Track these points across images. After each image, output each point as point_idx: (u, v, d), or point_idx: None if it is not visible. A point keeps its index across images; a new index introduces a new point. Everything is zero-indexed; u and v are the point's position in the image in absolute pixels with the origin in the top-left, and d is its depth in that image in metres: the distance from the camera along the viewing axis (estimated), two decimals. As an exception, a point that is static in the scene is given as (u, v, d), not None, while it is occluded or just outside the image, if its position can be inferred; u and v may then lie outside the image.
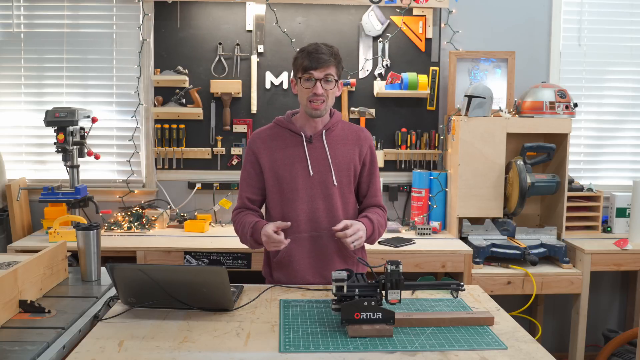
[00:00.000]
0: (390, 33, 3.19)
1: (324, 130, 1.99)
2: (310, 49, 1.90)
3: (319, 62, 1.87)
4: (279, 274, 2.03)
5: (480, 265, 2.80)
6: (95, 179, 3.25)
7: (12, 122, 3.24)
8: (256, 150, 2.00)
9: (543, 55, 3.33)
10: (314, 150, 1.98)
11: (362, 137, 2.04)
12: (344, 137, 2.02)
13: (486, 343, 1.47)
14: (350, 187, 2.02)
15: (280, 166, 1.97)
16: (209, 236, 2.91)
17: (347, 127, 2.05)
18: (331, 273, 1.97)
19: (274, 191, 1.99)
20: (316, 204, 1.97)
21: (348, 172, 2.00)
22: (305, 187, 1.96)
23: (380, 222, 2.02)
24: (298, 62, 1.91)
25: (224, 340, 1.46)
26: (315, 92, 1.88)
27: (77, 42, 3.21)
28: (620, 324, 3.50)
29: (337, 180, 1.98)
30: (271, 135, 2.02)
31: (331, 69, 1.89)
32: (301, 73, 1.90)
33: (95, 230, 1.94)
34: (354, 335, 1.48)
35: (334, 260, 2.00)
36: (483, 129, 2.93)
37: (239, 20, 3.18)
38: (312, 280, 1.99)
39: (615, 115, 3.44)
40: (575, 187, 3.11)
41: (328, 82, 1.89)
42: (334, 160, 1.98)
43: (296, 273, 2.00)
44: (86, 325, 1.57)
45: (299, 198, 1.96)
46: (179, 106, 3.14)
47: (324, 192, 1.97)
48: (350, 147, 2.01)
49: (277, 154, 1.98)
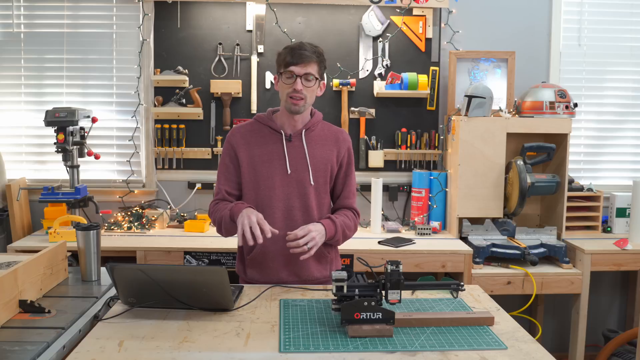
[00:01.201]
0: (390, 33, 3.19)
1: (303, 130, 1.99)
2: (294, 46, 1.91)
3: (301, 57, 1.87)
4: (252, 272, 2.02)
5: (480, 265, 2.80)
6: (95, 179, 3.25)
7: (12, 122, 3.24)
8: (235, 145, 1.99)
9: (543, 55, 3.33)
10: (292, 148, 1.98)
11: (341, 139, 2.05)
12: (323, 137, 2.02)
13: (486, 343, 1.47)
14: (326, 187, 2.02)
15: (258, 162, 1.97)
16: (209, 236, 2.91)
17: (326, 127, 2.06)
18: (305, 272, 1.99)
19: (250, 187, 1.98)
20: (292, 202, 1.96)
21: (325, 172, 2.00)
22: (282, 184, 1.96)
23: (347, 224, 1.99)
24: (280, 58, 1.92)
25: (224, 340, 1.46)
26: (295, 87, 1.88)
27: (77, 42, 3.21)
28: (620, 324, 3.50)
29: (314, 179, 1.98)
30: (251, 131, 2.01)
31: (312, 66, 1.89)
32: (282, 68, 1.91)
33: (95, 230, 1.94)
34: (354, 335, 1.48)
35: (308, 260, 1.96)
36: (483, 129, 2.93)
37: (239, 20, 3.18)
38: (286, 279, 1.98)
39: (615, 115, 3.44)
40: (575, 187, 3.11)
41: (308, 80, 1.89)
42: (312, 160, 1.98)
43: (269, 271, 1.99)
44: (86, 325, 1.57)
45: (275, 195, 1.96)
46: (179, 106, 3.15)
47: (300, 190, 1.97)
48: (329, 148, 2.01)
49: (256, 150, 1.98)
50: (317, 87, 1.95)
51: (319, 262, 2.02)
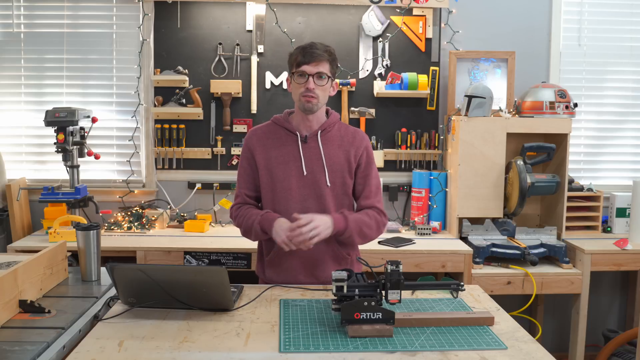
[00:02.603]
0: (390, 33, 3.19)
1: (319, 131, 1.98)
2: (305, 45, 1.91)
3: (312, 56, 1.87)
4: (270, 273, 2.02)
5: (480, 265, 2.80)
6: (95, 179, 3.25)
7: (12, 122, 3.24)
8: (252, 147, 2.00)
9: (543, 55, 3.33)
10: (308, 150, 1.97)
11: (358, 139, 2.02)
12: (339, 138, 2.01)
13: (486, 343, 1.47)
14: (345, 188, 2.00)
15: (274, 164, 1.97)
16: (209, 236, 2.91)
17: (343, 128, 2.04)
18: (323, 274, 1.98)
19: (267, 189, 1.98)
20: (308, 203, 1.95)
21: (342, 173, 1.98)
22: (298, 186, 1.96)
23: (365, 222, 1.94)
24: (292, 58, 1.93)
25: (224, 340, 1.46)
26: (308, 86, 1.87)
27: (77, 42, 3.21)
28: (620, 324, 3.50)
29: (330, 181, 1.97)
30: (267, 133, 2.01)
31: (324, 65, 1.89)
32: (295, 68, 1.91)
33: (95, 230, 1.94)
34: (354, 335, 1.48)
35: (326, 261, 1.98)
36: (483, 129, 2.93)
37: (239, 20, 3.18)
38: (304, 280, 1.98)
39: (615, 115, 3.44)
40: (575, 187, 3.11)
41: (321, 78, 1.89)
42: (328, 161, 1.97)
43: (287, 272, 1.99)
44: (86, 325, 1.57)
45: (292, 197, 1.95)
46: (179, 106, 3.14)
47: (317, 192, 1.96)
48: (346, 149, 1.99)
49: (272, 152, 1.98)
50: (329, 86, 1.94)
51: (338, 263, 2.00)
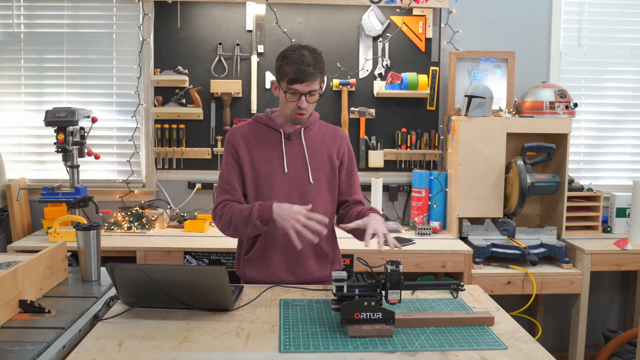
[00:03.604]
0: (390, 33, 3.19)
1: (302, 129, 2.01)
2: (296, 59, 1.85)
3: (305, 75, 1.84)
4: (251, 271, 2.01)
5: (480, 265, 2.80)
6: (95, 179, 3.25)
7: (12, 122, 3.24)
8: (236, 145, 1.99)
9: (543, 55, 3.33)
10: (291, 147, 1.99)
11: (339, 136, 2.07)
12: (321, 135, 2.04)
13: (486, 343, 1.47)
14: (329, 185, 2.02)
15: (258, 162, 1.97)
16: (209, 236, 2.91)
17: (324, 126, 2.09)
18: (304, 271, 1.99)
19: (251, 186, 1.99)
20: (292, 200, 1.95)
21: (325, 170, 2.01)
22: (282, 183, 1.97)
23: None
24: (283, 71, 1.87)
25: (224, 340, 1.46)
26: (300, 105, 1.89)
27: (77, 42, 3.21)
28: (620, 324, 3.50)
29: (313, 177, 1.98)
30: (250, 131, 2.02)
31: (316, 82, 1.89)
32: (286, 85, 1.88)
33: (95, 230, 1.94)
34: (354, 335, 1.48)
35: (307, 258, 1.99)
36: (483, 129, 2.93)
37: (239, 20, 3.18)
38: (284, 278, 1.98)
39: (615, 115, 3.44)
40: (575, 187, 3.11)
41: (312, 95, 1.90)
42: (312, 158, 1.99)
43: (268, 270, 1.99)
44: (86, 325, 1.57)
45: (275, 194, 1.96)
46: (179, 106, 3.14)
47: (300, 189, 1.98)
48: (328, 146, 2.03)
49: (255, 149, 1.98)
50: (318, 96, 1.95)
51: (318, 261, 2.03)
